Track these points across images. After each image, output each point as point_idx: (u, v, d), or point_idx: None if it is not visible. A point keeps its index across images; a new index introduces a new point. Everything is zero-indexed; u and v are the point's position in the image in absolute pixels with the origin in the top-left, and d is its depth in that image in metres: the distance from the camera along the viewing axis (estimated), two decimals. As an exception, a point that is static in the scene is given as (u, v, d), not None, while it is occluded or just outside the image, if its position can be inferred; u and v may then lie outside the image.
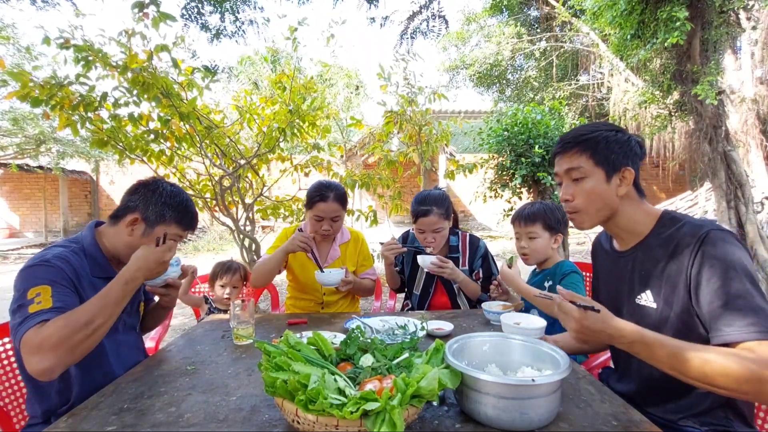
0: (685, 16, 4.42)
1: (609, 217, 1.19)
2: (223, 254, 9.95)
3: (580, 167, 1.16)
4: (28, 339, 1.05)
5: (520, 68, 12.01)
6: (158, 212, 1.35)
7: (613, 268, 1.28)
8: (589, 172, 1.15)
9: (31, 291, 1.12)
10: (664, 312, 1.09)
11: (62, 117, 2.64)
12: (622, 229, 1.20)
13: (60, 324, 1.07)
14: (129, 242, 1.34)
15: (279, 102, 3.36)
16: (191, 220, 1.44)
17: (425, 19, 8.01)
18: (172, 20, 2.59)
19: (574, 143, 1.17)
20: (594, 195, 1.15)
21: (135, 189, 1.39)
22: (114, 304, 1.19)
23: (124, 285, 1.22)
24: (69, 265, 1.22)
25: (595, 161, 1.14)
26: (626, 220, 1.18)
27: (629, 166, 1.14)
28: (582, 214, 1.19)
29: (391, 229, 4.91)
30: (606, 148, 1.14)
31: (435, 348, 1.00)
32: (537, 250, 1.82)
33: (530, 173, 5.01)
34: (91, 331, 1.11)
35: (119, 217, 1.36)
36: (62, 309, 1.12)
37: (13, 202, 13.96)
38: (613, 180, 1.14)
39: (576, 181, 1.18)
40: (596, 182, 1.15)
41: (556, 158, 1.23)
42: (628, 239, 1.21)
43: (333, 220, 2.06)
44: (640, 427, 0.92)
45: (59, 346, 1.05)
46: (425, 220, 2.04)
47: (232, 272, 2.31)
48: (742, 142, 7.53)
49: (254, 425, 0.94)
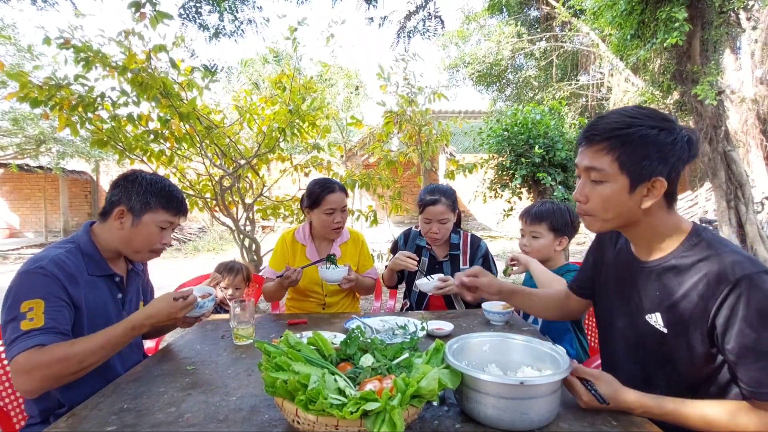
0: (684, 17, 4.43)
1: (625, 226, 1.05)
2: (223, 254, 9.94)
3: (603, 169, 0.97)
4: (20, 361, 1.10)
5: (520, 68, 12.02)
6: (142, 201, 1.36)
7: (625, 271, 1.14)
8: (610, 176, 0.97)
9: (24, 304, 1.15)
10: (673, 341, 1.00)
11: (62, 117, 2.64)
12: (642, 238, 1.06)
13: (56, 355, 1.11)
14: (121, 236, 1.36)
15: (279, 102, 3.36)
16: (179, 203, 1.44)
17: (422, 18, 8.02)
18: (168, 19, 2.59)
19: (603, 138, 0.97)
20: (610, 203, 0.99)
21: (116, 183, 1.40)
22: (113, 346, 1.22)
23: (131, 330, 1.25)
24: (64, 271, 1.23)
25: (621, 165, 0.95)
26: (649, 232, 1.04)
27: (662, 176, 0.94)
28: (594, 219, 1.05)
29: (391, 229, 4.91)
30: (639, 151, 0.94)
31: (435, 348, 1.00)
32: (538, 250, 1.81)
33: (530, 173, 5.01)
34: (83, 367, 1.16)
35: (107, 213, 1.38)
36: (54, 329, 1.15)
37: (13, 202, 13.95)
38: (638, 191, 0.96)
39: (594, 183, 1.00)
40: (616, 190, 0.97)
41: (579, 148, 1.04)
42: (647, 249, 1.06)
43: (342, 210, 2.09)
44: (640, 427, 0.92)
45: (49, 376, 1.11)
46: (433, 209, 2.05)
47: (235, 273, 2.31)
48: (742, 142, 7.53)
49: (254, 425, 0.94)
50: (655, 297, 1.04)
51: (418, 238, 2.27)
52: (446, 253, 2.20)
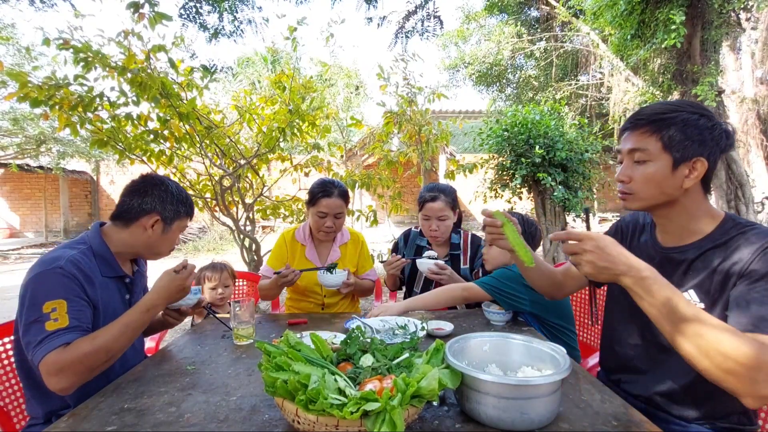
0: (681, 19, 4.43)
1: (664, 205, 1.07)
2: (224, 254, 9.95)
3: (646, 149, 1.03)
4: (50, 361, 1.10)
5: (520, 68, 12.01)
6: (174, 210, 1.43)
7: (650, 262, 1.10)
8: (654, 155, 1.03)
9: (47, 305, 1.15)
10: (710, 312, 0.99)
11: (62, 117, 2.64)
12: (674, 222, 1.09)
13: (83, 350, 1.13)
14: (148, 242, 1.40)
15: (279, 102, 3.36)
16: (193, 209, 1.54)
17: (420, 18, 8.02)
18: (167, 19, 2.59)
19: (647, 121, 1.04)
20: (653, 182, 1.04)
21: (144, 190, 1.40)
22: (134, 330, 1.25)
23: (146, 312, 1.28)
24: (81, 271, 1.23)
25: (664, 145, 1.02)
26: (684, 215, 1.07)
27: (704, 156, 1.00)
28: (634, 197, 1.08)
29: (391, 229, 4.91)
30: (681, 132, 1.00)
31: (435, 348, 1.00)
32: (493, 256, 1.83)
33: (530, 173, 5.00)
34: (111, 356, 1.20)
35: (132, 219, 1.38)
36: (78, 327, 1.17)
37: (14, 202, 13.95)
38: (680, 169, 1.01)
39: (637, 164, 1.06)
40: (660, 168, 1.02)
41: (624, 135, 1.10)
42: (680, 235, 1.09)
43: (336, 216, 2.06)
44: (641, 427, 0.92)
45: (81, 370, 1.13)
46: (432, 206, 2.06)
47: (219, 271, 2.27)
48: (742, 142, 7.53)
49: (254, 425, 0.94)
50: (687, 276, 1.06)
51: (418, 238, 2.27)
52: (446, 253, 2.20)
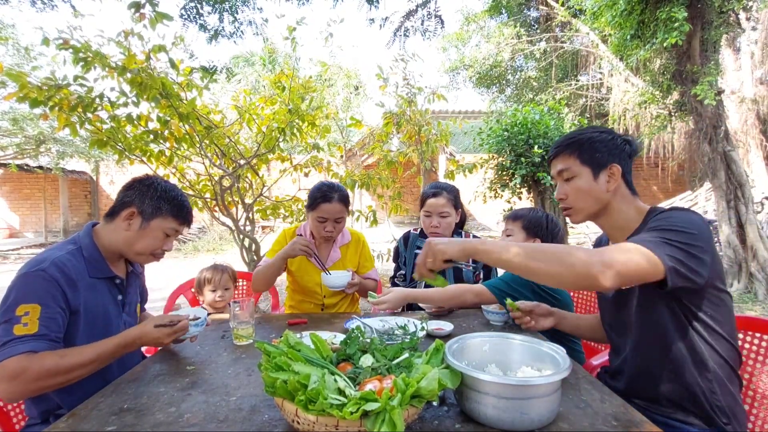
0: (684, 16, 4.42)
1: (600, 211, 1.26)
2: (223, 254, 9.95)
3: (570, 167, 1.26)
4: (8, 365, 1.08)
5: (520, 69, 12.01)
6: (154, 205, 1.39)
7: None
8: (577, 171, 1.25)
9: (21, 308, 1.14)
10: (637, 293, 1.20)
11: (61, 117, 2.64)
12: (613, 225, 1.27)
13: (46, 365, 1.11)
14: (126, 237, 1.37)
15: (278, 102, 3.36)
16: (187, 213, 1.48)
17: (421, 18, 8.02)
18: (168, 20, 2.59)
19: (564, 147, 1.28)
20: (583, 192, 1.25)
21: (130, 185, 1.42)
22: (103, 361, 1.23)
23: (122, 348, 1.26)
24: (65, 274, 1.23)
25: (582, 161, 1.24)
26: (617, 215, 1.25)
27: (616, 162, 1.22)
28: (574, 210, 1.29)
29: (391, 229, 4.91)
30: (591, 148, 1.24)
31: (435, 348, 1.00)
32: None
33: (530, 173, 5.01)
34: (70, 379, 1.16)
35: (115, 213, 1.38)
36: (45, 336, 1.15)
37: (13, 202, 13.95)
38: (601, 177, 1.23)
39: (567, 181, 1.27)
40: (585, 180, 1.24)
41: (551, 162, 1.34)
42: (619, 236, 1.26)
43: (336, 221, 2.05)
44: (641, 427, 0.92)
45: (32, 388, 1.11)
46: (433, 201, 2.05)
47: (220, 273, 2.26)
48: (742, 142, 7.53)
49: (254, 425, 0.94)
50: None
51: (418, 240, 2.26)
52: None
